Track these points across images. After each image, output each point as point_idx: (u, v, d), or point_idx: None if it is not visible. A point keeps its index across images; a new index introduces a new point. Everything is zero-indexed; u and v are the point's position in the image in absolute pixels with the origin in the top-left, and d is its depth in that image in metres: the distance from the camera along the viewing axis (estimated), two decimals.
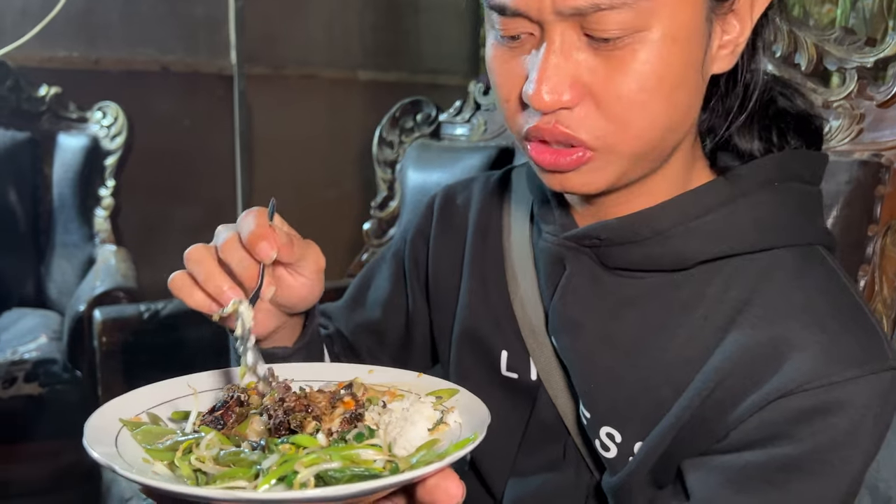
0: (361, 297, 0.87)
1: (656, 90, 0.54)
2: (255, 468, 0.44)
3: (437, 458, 0.44)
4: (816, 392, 0.54)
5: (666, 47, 0.53)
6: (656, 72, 0.53)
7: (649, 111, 0.55)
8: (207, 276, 0.58)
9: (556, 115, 0.56)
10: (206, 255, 0.59)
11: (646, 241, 0.62)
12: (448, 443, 0.47)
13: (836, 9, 1.79)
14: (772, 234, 0.61)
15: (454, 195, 0.83)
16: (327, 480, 0.43)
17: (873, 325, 0.58)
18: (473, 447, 0.45)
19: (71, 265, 2.21)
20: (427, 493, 0.43)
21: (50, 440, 1.77)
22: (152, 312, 1.59)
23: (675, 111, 0.56)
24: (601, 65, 0.54)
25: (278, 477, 0.43)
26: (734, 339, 0.58)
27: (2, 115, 2.27)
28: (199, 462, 0.46)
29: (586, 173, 0.58)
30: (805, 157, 0.64)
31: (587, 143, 0.56)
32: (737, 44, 0.58)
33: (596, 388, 0.65)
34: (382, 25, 3.01)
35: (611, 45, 0.53)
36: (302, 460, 0.43)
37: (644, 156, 0.58)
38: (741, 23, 0.58)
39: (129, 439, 0.49)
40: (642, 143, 0.57)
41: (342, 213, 2.84)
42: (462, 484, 0.43)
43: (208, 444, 0.47)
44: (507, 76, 0.58)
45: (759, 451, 0.56)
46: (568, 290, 0.66)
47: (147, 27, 2.61)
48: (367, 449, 0.46)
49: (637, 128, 0.55)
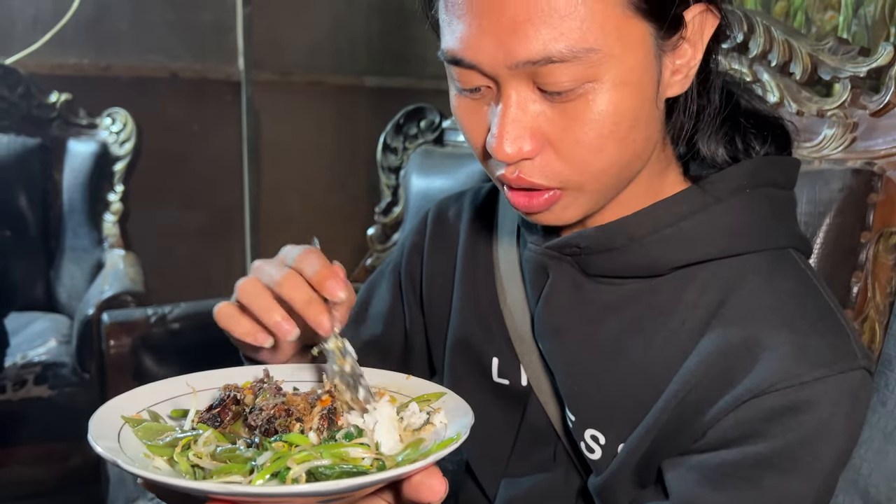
0: (364, 313, 0.89)
1: (612, 134, 0.55)
2: (250, 464, 0.47)
3: (422, 457, 0.46)
4: (787, 392, 0.55)
5: (618, 93, 0.54)
6: (611, 117, 0.55)
7: (606, 153, 0.56)
8: (265, 308, 0.58)
9: (519, 166, 0.58)
10: (262, 288, 0.59)
11: (622, 248, 0.63)
12: (433, 442, 0.50)
13: (838, 16, 1.80)
14: (744, 239, 0.62)
15: (447, 209, 0.85)
16: (318, 476, 0.45)
17: (842, 326, 0.59)
18: (456, 447, 0.47)
19: (80, 269, 2.24)
20: (412, 489, 0.45)
21: (59, 442, 1.80)
22: (159, 316, 1.61)
23: (633, 146, 0.58)
24: (558, 115, 0.55)
25: (272, 472, 0.45)
26: (709, 342, 0.60)
27: (13, 121, 2.31)
28: (196, 458, 0.48)
29: (559, 211, 0.61)
30: (776, 162, 0.66)
31: (552, 187, 0.58)
32: (689, 67, 0.59)
33: (579, 392, 0.66)
34: (389, 32, 3.04)
35: (564, 98, 0.54)
36: (294, 457, 0.46)
37: (610, 187, 0.60)
38: (693, 47, 0.59)
39: (131, 435, 0.51)
40: (604, 179, 0.59)
41: (348, 218, 2.86)
42: (445, 481, 0.45)
43: (205, 441, 0.50)
44: (472, 126, 0.60)
45: (734, 450, 0.57)
46: (551, 297, 0.68)
47: (156, 34, 2.64)
48: (355, 447, 0.48)
49: (596, 168, 0.57)
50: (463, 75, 0.57)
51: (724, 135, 0.65)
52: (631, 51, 0.54)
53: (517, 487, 0.73)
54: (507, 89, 0.55)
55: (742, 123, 0.65)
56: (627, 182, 0.62)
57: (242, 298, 0.60)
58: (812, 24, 1.86)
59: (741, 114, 0.66)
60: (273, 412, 0.51)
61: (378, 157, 1.79)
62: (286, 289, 0.58)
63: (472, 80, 0.57)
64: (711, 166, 0.65)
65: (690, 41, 0.58)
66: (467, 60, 0.56)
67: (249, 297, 0.59)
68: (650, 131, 0.59)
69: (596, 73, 0.53)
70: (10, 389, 1.78)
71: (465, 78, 0.57)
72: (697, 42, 0.59)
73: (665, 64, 0.58)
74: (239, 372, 0.61)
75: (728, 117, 0.65)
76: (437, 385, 0.57)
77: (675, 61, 0.59)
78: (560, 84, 0.53)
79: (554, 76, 0.53)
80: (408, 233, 0.89)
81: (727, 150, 0.65)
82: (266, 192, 2.88)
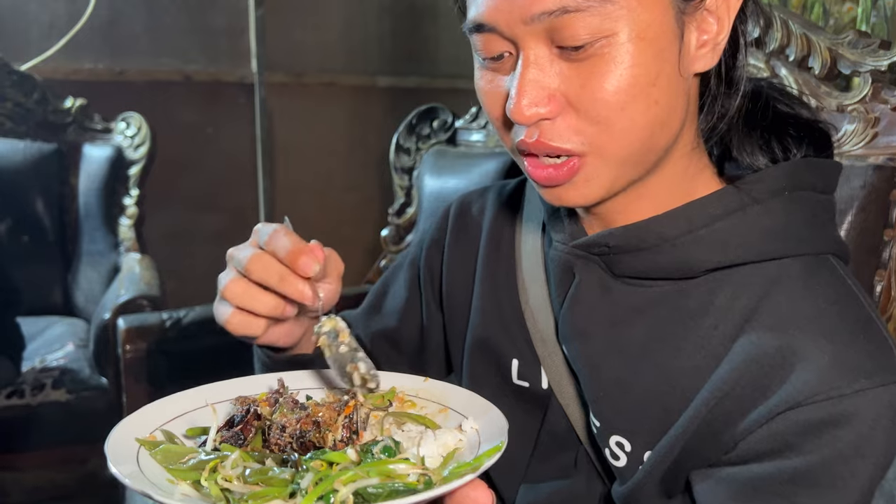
0: (379, 304, 0.89)
1: (631, 89, 0.55)
2: (291, 487, 0.44)
3: (469, 469, 0.44)
4: (824, 404, 0.53)
5: (635, 47, 0.54)
6: (629, 71, 0.54)
7: (629, 111, 0.55)
8: (281, 277, 0.60)
9: (539, 128, 0.57)
10: (272, 260, 0.61)
11: (652, 248, 0.62)
12: (468, 449, 0.48)
13: (856, 7, 1.77)
14: (780, 243, 0.60)
15: (469, 204, 0.84)
16: (366, 497, 0.43)
17: (884, 336, 0.57)
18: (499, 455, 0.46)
19: (97, 273, 2.25)
20: (457, 503, 0.44)
21: (77, 445, 1.81)
22: (174, 320, 1.61)
23: (656, 108, 0.57)
24: (575, 73, 0.55)
25: (318, 496, 0.43)
26: (741, 349, 0.58)
27: (29, 127, 2.32)
28: (225, 481, 0.46)
29: (581, 185, 0.59)
30: (816, 165, 0.64)
31: (573, 150, 0.57)
32: (716, 42, 0.59)
33: (605, 397, 0.65)
34: (401, 31, 3.03)
35: (582, 54, 0.54)
36: (340, 478, 0.44)
37: (633, 158, 0.59)
38: (718, 21, 0.58)
39: (150, 460, 0.49)
40: (628, 144, 0.57)
41: (362, 219, 2.87)
42: (491, 492, 0.44)
43: (233, 463, 0.47)
44: (491, 96, 0.60)
45: (766, 464, 0.55)
46: (577, 298, 0.66)
47: (170, 38, 2.66)
48: (400, 463, 0.46)
49: (620, 128, 0.56)
50: (485, 42, 0.58)
51: (760, 137, 0.64)
52: (648, 6, 0.54)
53: (537, 493, 0.72)
54: (526, 51, 0.56)
55: (779, 127, 0.64)
56: (651, 162, 0.60)
57: (252, 274, 0.62)
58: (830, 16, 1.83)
59: (778, 118, 0.64)
60: (301, 426, 0.50)
61: (391, 157, 1.78)
62: (256, 273, 0.60)
63: (492, 45, 0.57)
64: (748, 168, 0.64)
65: (716, 14, 0.58)
66: (487, 23, 0.56)
67: (260, 270, 0.61)
68: (673, 99, 0.58)
69: (612, 27, 0.53)
70: (28, 393, 1.79)
71: (486, 45, 0.58)
72: (724, 17, 0.58)
73: (689, 30, 0.57)
74: (250, 382, 0.60)
75: (763, 120, 0.64)
76: (456, 387, 0.56)
77: (701, 35, 0.58)
78: (577, 37, 0.53)
79: (571, 28, 0.53)
80: (428, 227, 0.88)
81: (763, 152, 0.64)
82: (280, 194, 2.89)
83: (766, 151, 0.64)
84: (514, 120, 0.57)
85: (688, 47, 0.58)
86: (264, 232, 0.63)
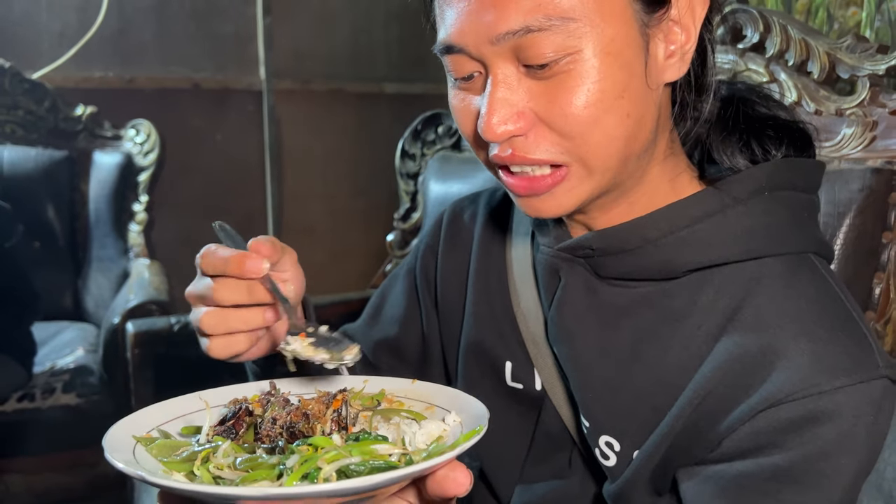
0: (377, 314, 0.89)
1: (600, 103, 0.56)
2: (278, 468, 0.46)
3: (449, 449, 0.46)
4: (804, 402, 0.54)
5: (601, 62, 0.55)
6: (596, 86, 0.55)
7: (602, 125, 0.56)
8: (249, 289, 0.60)
9: (512, 144, 0.58)
10: (231, 280, 0.61)
11: (636, 250, 0.63)
12: (451, 438, 0.50)
13: (860, 11, 1.77)
14: (761, 242, 0.61)
15: (461, 210, 0.85)
16: (349, 474, 0.45)
17: (864, 334, 0.58)
18: (479, 438, 0.47)
19: (107, 279, 2.28)
20: (437, 484, 0.45)
21: (86, 449, 1.83)
22: (182, 325, 1.63)
23: (628, 120, 0.57)
24: (543, 90, 0.56)
25: (303, 474, 0.45)
26: (724, 348, 0.59)
27: (40, 134, 2.36)
28: (217, 470, 0.47)
29: (560, 195, 0.60)
30: (796, 164, 0.64)
31: (554, 160, 0.58)
32: (684, 51, 0.60)
33: (593, 397, 0.66)
34: (407, 38, 3.05)
35: (548, 71, 0.55)
36: (324, 457, 0.45)
37: (612, 169, 0.59)
38: (685, 31, 0.59)
39: (146, 454, 0.51)
40: (606, 156, 0.58)
41: (369, 224, 2.88)
42: (469, 473, 0.45)
43: (224, 452, 0.49)
44: (464, 114, 0.62)
45: (749, 461, 0.56)
46: (564, 300, 0.67)
47: (179, 46, 2.68)
48: (383, 444, 0.48)
49: (595, 142, 0.57)
50: (455, 63, 0.59)
51: (739, 139, 0.65)
52: (610, 22, 0.55)
53: (532, 494, 0.73)
54: (494, 69, 0.57)
55: (757, 128, 0.65)
56: (634, 172, 0.61)
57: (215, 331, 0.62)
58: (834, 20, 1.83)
59: (756, 119, 0.65)
60: (290, 418, 0.51)
61: (396, 163, 1.80)
62: (226, 298, 0.60)
63: (462, 66, 0.59)
64: (728, 170, 0.65)
65: (681, 24, 0.59)
66: (456, 45, 0.58)
67: (220, 327, 0.61)
68: (643, 110, 0.59)
69: (577, 44, 0.55)
70: (39, 397, 1.81)
71: (456, 66, 0.60)
72: (689, 26, 0.59)
73: (656, 41, 0.58)
74: (247, 388, 0.61)
75: (741, 123, 0.64)
76: (441, 386, 0.57)
77: (669, 46, 0.59)
78: (543, 56, 0.55)
79: (536, 47, 0.54)
80: (422, 235, 0.89)
81: (743, 154, 0.64)
82: (288, 200, 2.91)
83: (746, 153, 0.64)
84: (485, 138, 0.58)
85: (655, 58, 0.58)
86: (205, 260, 0.62)
